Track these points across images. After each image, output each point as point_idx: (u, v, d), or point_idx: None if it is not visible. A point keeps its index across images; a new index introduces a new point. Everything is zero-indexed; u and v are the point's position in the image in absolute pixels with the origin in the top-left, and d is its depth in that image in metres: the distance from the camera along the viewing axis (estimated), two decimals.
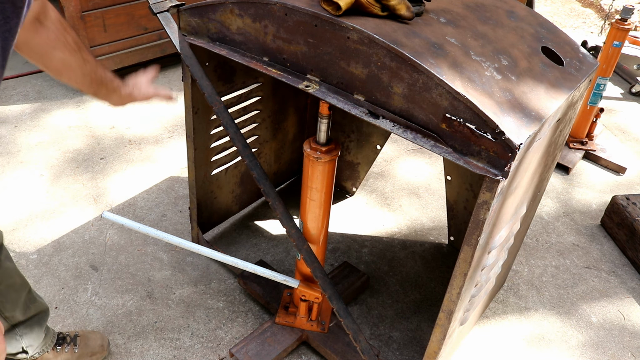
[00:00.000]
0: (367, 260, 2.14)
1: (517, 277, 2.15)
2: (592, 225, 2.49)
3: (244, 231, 2.22)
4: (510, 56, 1.28)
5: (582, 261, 2.27)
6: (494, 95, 1.12)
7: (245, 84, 1.90)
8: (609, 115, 3.45)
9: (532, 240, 2.35)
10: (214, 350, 1.74)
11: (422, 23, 1.26)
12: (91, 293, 1.90)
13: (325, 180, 1.48)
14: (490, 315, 1.98)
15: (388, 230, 2.32)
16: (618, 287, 2.16)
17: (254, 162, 1.48)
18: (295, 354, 1.75)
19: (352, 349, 1.68)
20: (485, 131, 1.05)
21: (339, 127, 2.31)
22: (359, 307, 1.93)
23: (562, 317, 2.01)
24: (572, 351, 1.88)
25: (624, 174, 2.87)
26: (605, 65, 2.73)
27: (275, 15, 1.28)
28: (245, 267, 1.69)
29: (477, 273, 1.34)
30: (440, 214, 2.45)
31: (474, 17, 1.38)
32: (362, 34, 1.15)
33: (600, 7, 5.65)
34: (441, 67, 1.11)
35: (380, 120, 1.19)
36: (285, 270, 2.05)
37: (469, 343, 1.87)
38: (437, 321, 1.34)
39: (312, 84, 1.28)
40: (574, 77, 1.37)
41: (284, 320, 1.75)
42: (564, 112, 1.34)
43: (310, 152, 1.44)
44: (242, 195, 2.22)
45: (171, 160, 2.62)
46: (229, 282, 1.99)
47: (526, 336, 1.91)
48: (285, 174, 2.45)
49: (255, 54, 1.39)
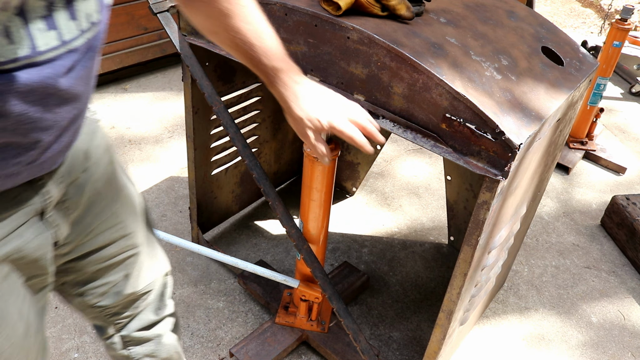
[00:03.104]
0: (367, 260, 2.14)
1: (517, 277, 2.15)
2: (592, 225, 2.49)
3: (244, 231, 2.22)
4: (510, 56, 1.28)
5: (582, 261, 2.27)
6: (494, 95, 1.12)
7: (245, 84, 1.90)
8: (609, 115, 3.45)
9: (532, 240, 2.35)
10: (214, 350, 1.74)
11: (422, 23, 1.26)
12: None
13: (325, 180, 1.48)
14: (490, 315, 1.98)
15: (388, 230, 2.32)
16: (618, 287, 2.16)
17: (254, 162, 1.48)
18: (295, 354, 1.75)
19: (352, 349, 1.68)
20: (485, 131, 1.05)
21: None
22: (359, 307, 1.93)
23: (562, 317, 2.01)
24: (572, 351, 1.88)
25: (624, 174, 2.87)
26: (605, 65, 2.73)
27: (275, 15, 1.28)
28: (245, 267, 1.69)
29: (477, 273, 1.34)
30: (440, 214, 2.45)
31: (474, 17, 1.38)
32: (362, 34, 1.15)
33: (600, 7, 5.65)
34: (441, 67, 1.11)
35: (380, 120, 1.19)
36: (285, 270, 2.05)
37: (469, 343, 1.87)
38: (437, 321, 1.34)
39: None
40: (574, 77, 1.37)
41: (284, 320, 1.75)
42: (564, 112, 1.34)
43: (310, 152, 1.44)
44: (242, 195, 2.22)
45: (171, 160, 2.62)
46: (229, 282, 1.99)
47: (526, 336, 1.92)
48: (285, 174, 2.45)
49: None
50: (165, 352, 1.21)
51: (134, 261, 1.03)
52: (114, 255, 0.98)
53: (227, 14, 0.81)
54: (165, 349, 1.21)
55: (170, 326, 1.20)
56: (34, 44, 0.57)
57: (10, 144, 0.61)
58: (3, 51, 0.53)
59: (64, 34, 0.61)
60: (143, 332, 1.14)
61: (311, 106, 0.87)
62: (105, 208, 0.92)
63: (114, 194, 0.94)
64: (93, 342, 1.73)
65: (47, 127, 0.65)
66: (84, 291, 1.00)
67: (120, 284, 1.02)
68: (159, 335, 1.18)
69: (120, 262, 1.00)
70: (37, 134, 0.64)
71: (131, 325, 1.12)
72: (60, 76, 0.62)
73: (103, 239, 0.94)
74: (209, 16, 0.83)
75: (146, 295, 1.09)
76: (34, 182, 0.73)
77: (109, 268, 0.99)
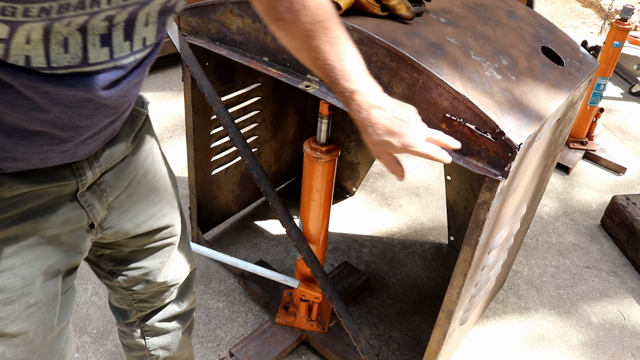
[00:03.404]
0: (367, 260, 2.15)
1: (517, 277, 2.15)
2: (592, 225, 2.49)
3: (244, 231, 2.22)
4: (510, 56, 1.28)
5: (582, 261, 2.27)
6: (494, 95, 1.12)
7: (245, 84, 1.90)
8: (609, 115, 3.45)
9: (532, 240, 2.35)
10: (214, 350, 1.74)
11: (422, 23, 1.26)
12: (91, 293, 1.90)
13: (325, 180, 1.48)
14: (490, 315, 1.98)
15: (388, 230, 2.32)
16: (618, 287, 2.16)
17: (254, 162, 1.48)
18: (295, 354, 1.75)
19: (352, 349, 1.68)
20: (485, 131, 1.05)
21: (339, 127, 2.31)
22: (359, 307, 1.93)
23: (562, 317, 2.01)
24: (572, 351, 1.88)
25: (624, 174, 2.87)
26: (605, 65, 2.73)
27: None
28: (245, 267, 1.69)
29: (477, 273, 1.34)
30: (440, 214, 2.45)
31: (474, 17, 1.38)
32: (362, 34, 1.15)
33: (600, 7, 5.65)
34: (441, 67, 1.11)
35: None
36: (285, 270, 2.05)
37: (469, 343, 1.87)
38: (437, 321, 1.34)
39: (312, 83, 1.28)
40: (574, 77, 1.36)
41: (284, 320, 1.75)
42: (564, 112, 1.34)
43: (310, 152, 1.44)
44: (242, 195, 2.22)
45: (171, 160, 2.62)
46: (229, 282, 1.99)
47: (526, 336, 1.91)
48: (285, 174, 2.45)
49: (255, 54, 1.39)
50: (179, 347, 1.23)
51: (170, 250, 1.06)
52: (153, 242, 1.01)
53: (310, 35, 0.82)
54: (180, 343, 1.23)
55: (188, 321, 1.22)
56: (86, 56, 0.62)
57: (48, 133, 0.67)
58: (57, 58, 0.59)
59: (115, 52, 0.65)
60: (164, 323, 1.17)
61: (384, 130, 0.87)
62: (146, 196, 0.95)
63: (155, 183, 0.97)
64: (93, 342, 1.73)
65: (82, 127, 0.70)
66: (118, 270, 1.03)
67: (154, 271, 1.05)
68: (177, 329, 1.20)
69: (158, 248, 1.03)
70: (72, 132, 0.70)
71: (154, 315, 1.15)
72: (102, 88, 0.67)
73: (144, 226, 0.97)
74: (293, 36, 0.85)
75: (174, 287, 1.12)
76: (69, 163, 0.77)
77: (147, 252, 1.02)
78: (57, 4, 0.53)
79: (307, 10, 0.80)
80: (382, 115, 0.87)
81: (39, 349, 0.83)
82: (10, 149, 0.66)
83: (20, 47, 0.56)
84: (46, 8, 0.53)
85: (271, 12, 0.83)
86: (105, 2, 0.58)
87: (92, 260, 1.02)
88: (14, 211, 0.72)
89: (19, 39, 0.55)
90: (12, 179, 0.70)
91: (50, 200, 0.76)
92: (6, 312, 0.76)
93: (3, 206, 0.71)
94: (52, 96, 0.63)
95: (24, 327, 0.78)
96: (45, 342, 0.84)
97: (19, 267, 0.75)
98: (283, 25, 0.84)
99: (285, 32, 0.85)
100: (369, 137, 0.89)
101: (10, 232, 0.73)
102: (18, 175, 0.70)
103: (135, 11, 0.63)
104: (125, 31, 0.65)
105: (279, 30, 0.86)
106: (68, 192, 0.79)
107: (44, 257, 0.78)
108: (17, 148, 0.67)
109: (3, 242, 0.73)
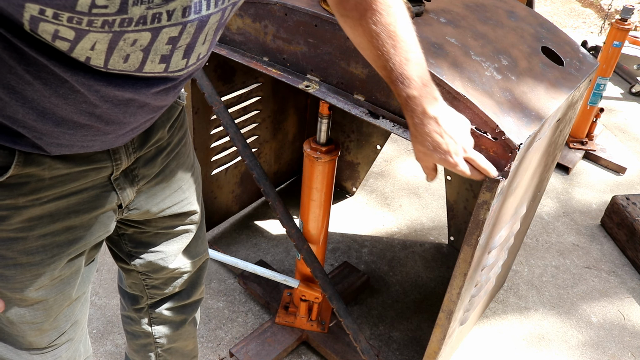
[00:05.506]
0: (367, 260, 2.15)
1: (517, 277, 2.15)
2: (592, 225, 2.49)
3: (244, 231, 2.22)
4: (510, 56, 1.27)
5: (582, 261, 2.27)
6: (494, 95, 1.12)
7: (245, 84, 1.90)
8: (609, 115, 3.45)
9: (532, 240, 2.35)
10: (214, 350, 1.74)
11: (422, 23, 1.26)
12: (91, 293, 1.90)
13: (325, 180, 1.48)
14: (490, 315, 1.98)
15: (388, 230, 2.32)
16: (618, 287, 2.16)
17: (254, 162, 1.48)
18: (295, 354, 1.75)
19: (352, 349, 1.68)
20: (485, 131, 1.05)
21: (339, 127, 2.31)
22: (359, 307, 1.93)
23: (562, 317, 2.01)
24: (572, 351, 1.88)
25: (624, 174, 2.87)
26: (605, 65, 2.73)
27: (275, 15, 1.28)
28: (245, 267, 1.70)
29: (477, 273, 1.34)
30: (440, 214, 2.45)
31: (474, 17, 1.38)
32: None
33: (600, 7, 5.65)
34: (441, 67, 1.11)
35: (380, 120, 1.19)
36: (285, 270, 2.05)
37: (469, 343, 1.87)
38: (437, 321, 1.34)
39: (312, 84, 1.28)
40: (574, 77, 1.36)
41: (284, 320, 1.75)
42: (564, 112, 1.34)
43: (310, 152, 1.44)
44: (242, 195, 2.22)
45: None
46: (229, 282, 1.99)
47: (526, 336, 1.92)
48: (285, 174, 2.45)
49: (255, 54, 1.39)
50: (184, 337, 1.24)
51: (187, 237, 1.07)
52: (175, 226, 1.03)
53: (374, 36, 0.84)
54: (186, 334, 1.24)
55: (195, 312, 1.23)
56: (142, 67, 0.66)
57: (93, 126, 0.72)
58: (115, 65, 0.63)
59: (171, 67, 0.69)
60: (172, 312, 1.18)
61: (433, 144, 0.90)
62: (174, 183, 0.98)
63: (183, 171, 1.00)
64: (93, 342, 1.73)
65: (125, 123, 0.75)
66: (136, 253, 1.05)
67: (170, 257, 1.06)
68: (184, 319, 1.21)
69: (178, 234, 1.05)
70: (115, 126, 0.74)
71: (164, 303, 1.16)
72: (149, 93, 0.71)
73: (168, 211, 0.99)
74: (358, 35, 0.87)
75: (186, 274, 1.13)
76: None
77: (166, 237, 1.04)
78: (120, 18, 0.56)
79: (373, 12, 0.82)
80: (434, 130, 0.89)
81: (55, 313, 0.88)
82: (57, 136, 0.70)
83: (85, 50, 0.59)
84: (109, 21, 0.56)
85: (339, 8, 0.87)
86: (165, 19, 0.60)
87: (113, 239, 1.04)
88: (53, 190, 0.76)
89: (85, 45, 0.58)
90: (54, 160, 0.74)
91: (87, 182, 0.80)
92: (32, 282, 0.81)
93: (43, 185, 0.74)
94: (103, 94, 0.67)
95: (44, 294, 0.84)
96: (61, 309, 0.89)
97: (50, 243, 0.79)
98: (349, 22, 0.86)
99: (350, 29, 0.88)
100: (416, 143, 0.92)
101: (45, 209, 0.77)
102: (59, 158, 0.74)
103: (197, 33, 0.66)
104: (185, 52, 0.68)
105: (345, 27, 0.89)
106: (103, 175, 0.82)
107: (74, 235, 0.83)
108: (64, 136, 0.71)
109: (38, 218, 0.77)
